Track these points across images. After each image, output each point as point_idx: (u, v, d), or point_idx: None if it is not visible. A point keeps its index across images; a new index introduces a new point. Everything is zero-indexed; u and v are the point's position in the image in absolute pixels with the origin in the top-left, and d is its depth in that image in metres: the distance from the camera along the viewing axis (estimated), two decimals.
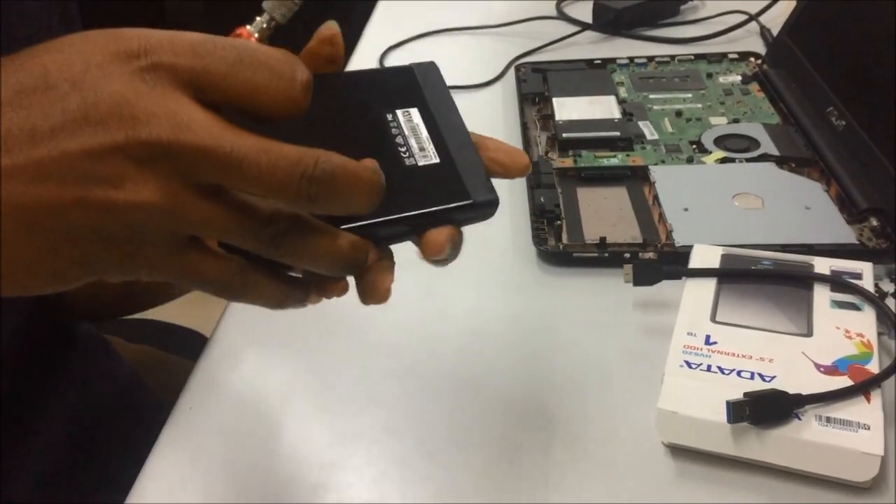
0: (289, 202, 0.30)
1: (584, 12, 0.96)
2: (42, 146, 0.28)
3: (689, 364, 0.45)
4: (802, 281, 0.50)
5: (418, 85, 0.38)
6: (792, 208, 0.59)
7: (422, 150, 0.35)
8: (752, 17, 0.90)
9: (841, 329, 0.46)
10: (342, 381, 0.50)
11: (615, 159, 0.67)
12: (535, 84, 0.79)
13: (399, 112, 0.36)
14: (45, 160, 0.28)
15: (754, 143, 0.67)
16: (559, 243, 0.58)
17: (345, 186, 0.30)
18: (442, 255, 0.35)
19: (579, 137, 0.69)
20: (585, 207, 0.62)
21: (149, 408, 0.68)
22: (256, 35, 0.31)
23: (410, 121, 0.36)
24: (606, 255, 0.57)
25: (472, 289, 0.57)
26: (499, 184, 0.36)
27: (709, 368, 0.44)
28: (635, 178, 0.65)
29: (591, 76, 0.80)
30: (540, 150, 0.70)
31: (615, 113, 0.72)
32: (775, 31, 0.83)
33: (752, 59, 0.82)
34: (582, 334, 0.52)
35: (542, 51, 0.89)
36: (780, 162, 0.65)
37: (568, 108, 0.73)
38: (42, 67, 0.29)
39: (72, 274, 0.30)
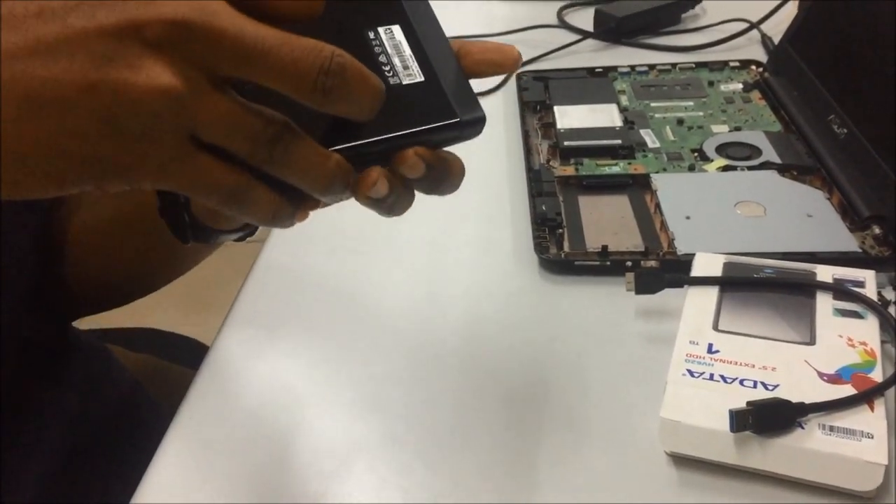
0: (303, 94, 0.29)
1: (586, 20, 0.96)
2: (52, 23, 0.26)
3: (691, 373, 0.45)
4: (805, 289, 0.50)
5: (399, 1, 0.36)
6: (794, 216, 0.59)
7: (406, 68, 0.35)
8: (753, 26, 0.90)
9: (844, 337, 0.46)
10: (342, 388, 0.50)
11: (617, 167, 0.67)
12: (537, 92, 0.79)
13: (381, 30, 0.35)
14: (57, 39, 0.26)
15: (756, 151, 0.67)
16: (561, 252, 0.58)
17: (355, 83, 0.30)
18: (415, 173, 0.34)
19: (581, 146, 0.69)
20: (587, 215, 0.62)
21: (150, 416, 0.68)
22: None
23: (393, 38, 0.35)
24: (608, 263, 0.57)
25: (473, 296, 0.57)
26: (500, 192, 0.36)
27: (711, 377, 0.44)
28: (637, 187, 0.65)
29: (593, 84, 0.80)
30: (541, 158, 0.70)
31: (616, 121, 0.72)
32: (776, 40, 0.83)
33: (754, 67, 0.82)
34: (584, 343, 0.52)
35: (544, 59, 0.89)
36: (782, 170, 0.65)
37: (569, 117, 0.73)
38: None
39: (72, 174, 0.28)
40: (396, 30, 0.35)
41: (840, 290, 0.49)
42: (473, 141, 0.37)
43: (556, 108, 0.75)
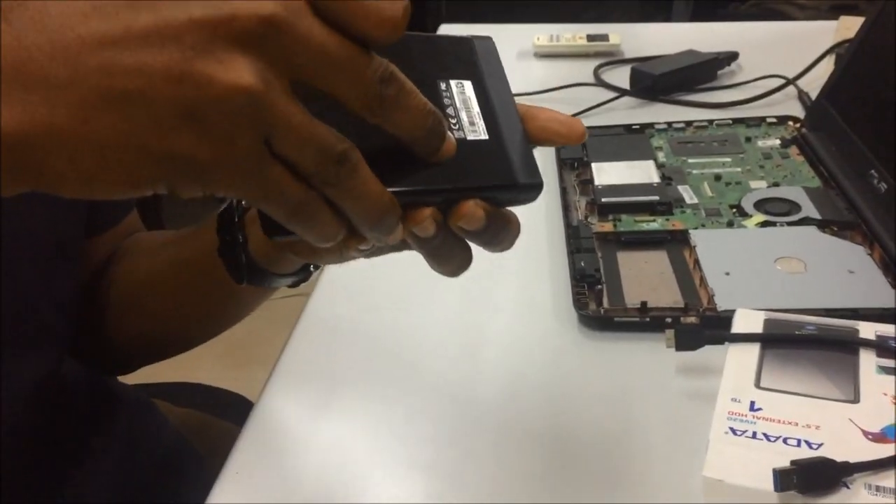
0: (363, 102, 0.30)
1: (622, 78, 0.98)
2: (145, 13, 0.27)
3: (734, 431, 0.44)
4: (848, 346, 0.49)
5: (475, 58, 0.36)
6: (835, 272, 0.59)
7: (472, 124, 0.34)
8: (790, 82, 0.91)
9: (888, 395, 0.46)
10: (385, 446, 0.50)
11: (655, 223, 0.67)
12: (574, 149, 0.80)
13: (453, 83, 0.35)
14: (147, 29, 0.26)
15: (795, 207, 0.67)
16: (600, 308, 0.59)
17: (405, 94, 0.31)
18: (473, 225, 0.34)
19: (619, 202, 0.70)
20: (626, 272, 0.62)
21: (194, 471, 0.69)
22: None
23: (463, 93, 0.35)
24: (648, 319, 0.57)
25: (512, 353, 0.57)
26: (538, 249, 0.37)
27: (754, 435, 0.44)
28: (675, 243, 0.65)
29: (630, 141, 0.81)
30: (579, 214, 0.70)
31: (654, 177, 0.73)
32: (813, 95, 0.84)
33: (791, 122, 0.82)
34: (624, 399, 0.52)
35: (581, 116, 0.90)
36: (822, 225, 0.65)
37: (607, 173, 0.74)
38: None
39: (148, 171, 0.28)
40: (468, 86, 0.36)
41: (884, 347, 0.49)
42: None
43: (593, 165, 0.76)
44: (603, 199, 0.70)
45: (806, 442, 0.43)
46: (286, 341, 0.60)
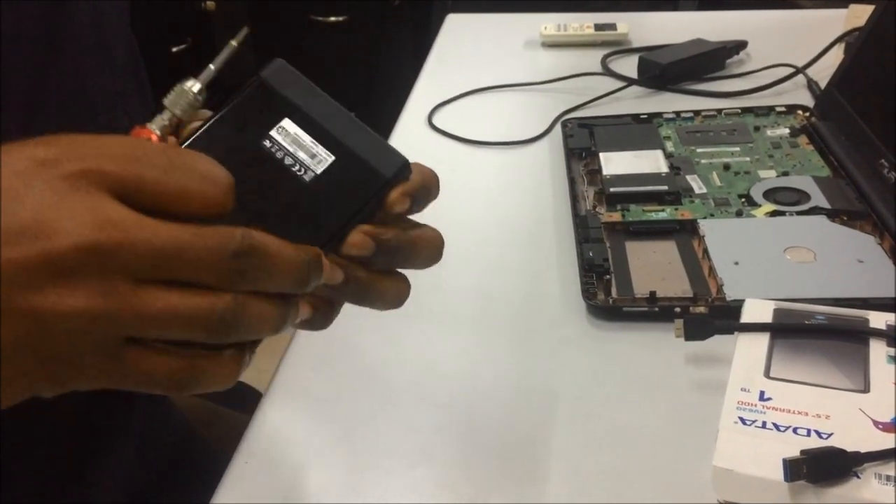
0: (222, 282, 0.29)
1: (630, 67, 0.97)
2: None
3: (743, 420, 0.44)
4: (858, 336, 0.49)
5: (276, 92, 0.35)
6: (845, 262, 0.59)
7: (313, 157, 0.34)
8: (799, 71, 0.91)
9: None
10: (394, 436, 0.50)
11: (663, 213, 0.67)
12: (582, 139, 0.80)
13: (273, 132, 0.34)
14: None
15: (804, 196, 0.67)
16: (609, 298, 0.59)
17: (268, 258, 0.30)
18: (365, 251, 0.34)
19: (627, 192, 0.69)
20: (634, 261, 0.62)
21: (204, 461, 0.69)
22: (158, 132, 0.30)
23: (287, 134, 0.34)
24: (656, 309, 0.57)
25: (521, 343, 0.57)
26: (547, 239, 0.37)
27: (764, 425, 0.44)
28: (684, 232, 0.65)
29: (638, 131, 0.81)
30: (588, 204, 0.70)
31: (662, 167, 0.73)
32: (822, 84, 0.83)
33: (800, 111, 0.82)
34: (633, 389, 0.52)
35: (589, 106, 0.90)
36: (832, 215, 0.64)
37: (615, 163, 0.74)
38: None
39: (4, 394, 0.29)
40: (287, 123, 0.35)
41: (894, 336, 0.48)
42: (519, 189, 0.38)
43: (601, 155, 0.75)
44: (611, 189, 0.70)
45: (816, 432, 0.43)
46: (294, 331, 0.60)
